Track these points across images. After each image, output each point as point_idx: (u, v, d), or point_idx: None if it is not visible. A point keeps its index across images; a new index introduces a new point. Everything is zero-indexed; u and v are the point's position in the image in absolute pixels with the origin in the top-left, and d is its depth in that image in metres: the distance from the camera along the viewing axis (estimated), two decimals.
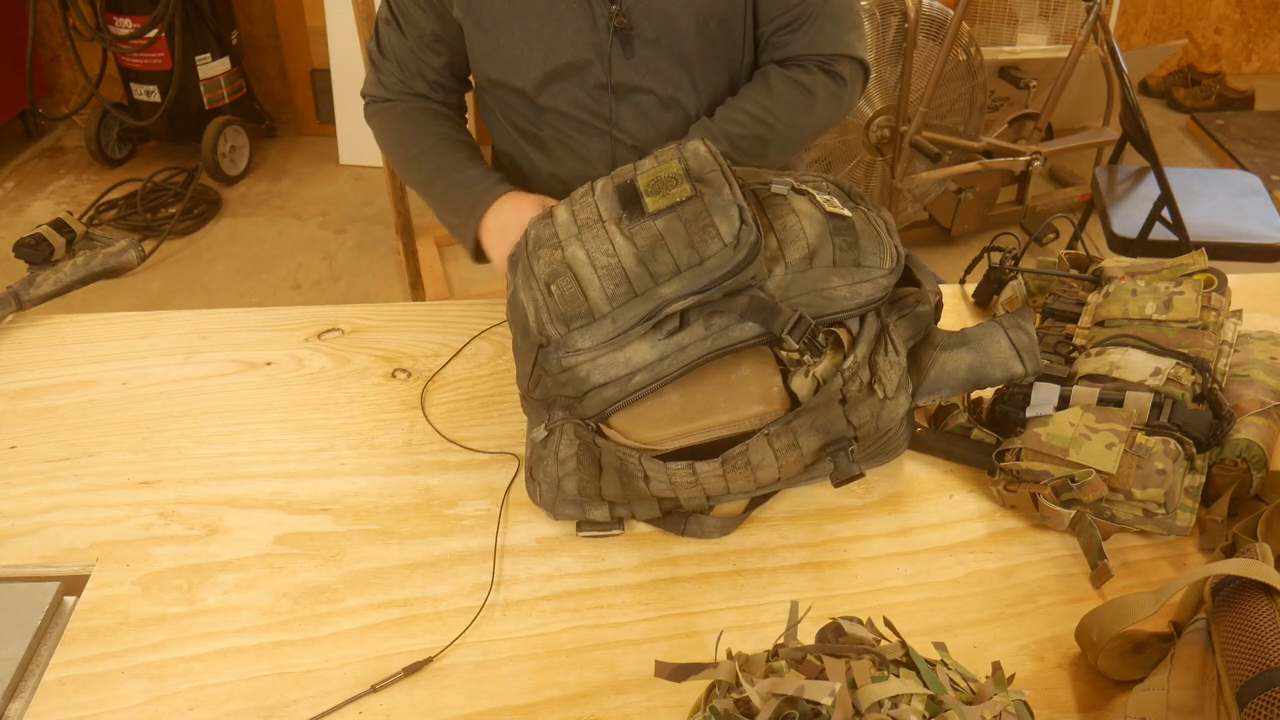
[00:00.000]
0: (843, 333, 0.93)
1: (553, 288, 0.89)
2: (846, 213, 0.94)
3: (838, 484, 0.91)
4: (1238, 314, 1.11)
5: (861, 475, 0.91)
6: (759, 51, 1.27)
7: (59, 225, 1.28)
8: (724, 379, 0.91)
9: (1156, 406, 0.94)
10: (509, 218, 1.15)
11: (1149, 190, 2.35)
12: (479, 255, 1.22)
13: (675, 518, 0.96)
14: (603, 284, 0.88)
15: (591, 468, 0.92)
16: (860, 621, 0.69)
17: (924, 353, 0.99)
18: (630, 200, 0.92)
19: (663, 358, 0.89)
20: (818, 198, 0.94)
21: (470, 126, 1.34)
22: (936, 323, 1.01)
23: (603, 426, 0.92)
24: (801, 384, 0.92)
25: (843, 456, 0.92)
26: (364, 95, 1.33)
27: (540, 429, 0.93)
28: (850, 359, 0.91)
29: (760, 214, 0.93)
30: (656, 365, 0.89)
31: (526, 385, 0.95)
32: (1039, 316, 1.17)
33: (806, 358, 0.92)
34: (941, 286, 1.30)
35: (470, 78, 1.33)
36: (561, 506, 0.96)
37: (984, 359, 0.98)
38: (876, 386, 0.92)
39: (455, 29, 1.23)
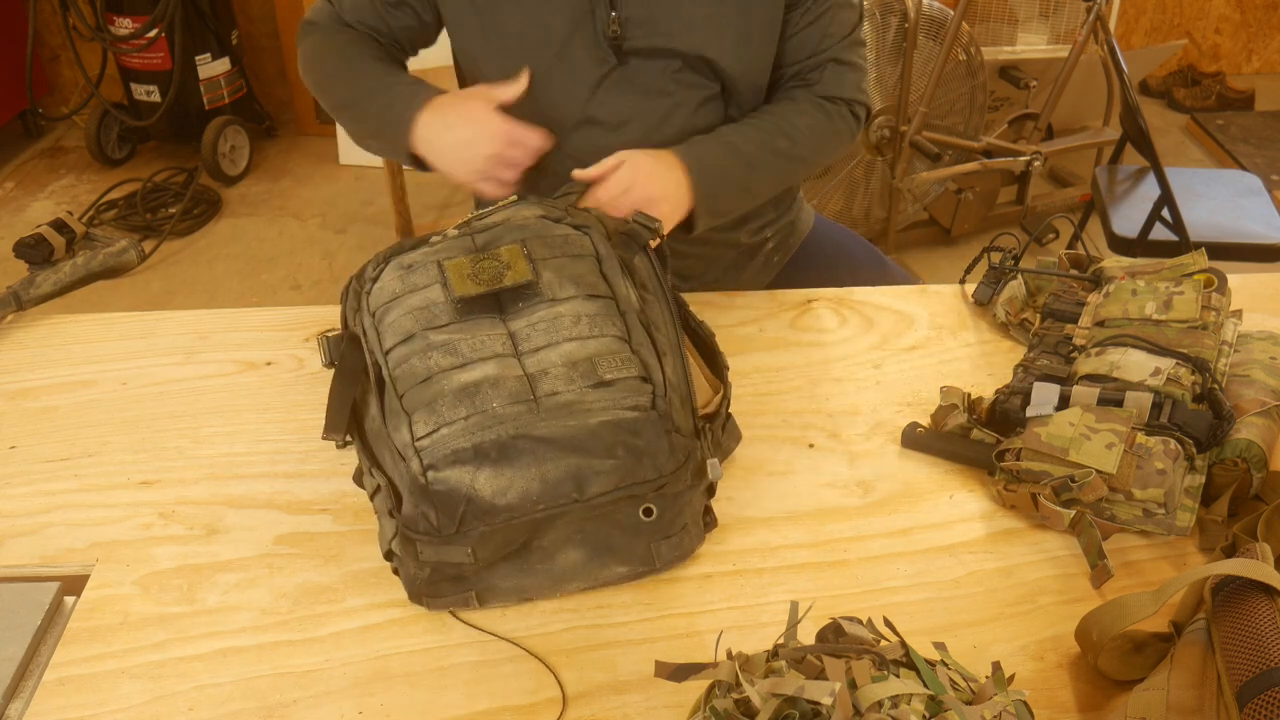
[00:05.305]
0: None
1: (608, 380, 0.83)
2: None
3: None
4: (1238, 314, 1.11)
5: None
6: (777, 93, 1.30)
7: (59, 225, 1.28)
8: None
9: (1156, 406, 0.94)
10: (452, 112, 1.12)
11: (1149, 190, 2.35)
12: (418, 161, 1.17)
13: None
14: (616, 351, 0.85)
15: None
16: (860, 621, 0.69)
17: None
18: (492, 300, 0.88)
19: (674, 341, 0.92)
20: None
21: None
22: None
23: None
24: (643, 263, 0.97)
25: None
26: (309, 22, 1.27)
27: (715, 466, 0.88)
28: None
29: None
30: (679, 350, 0.91)
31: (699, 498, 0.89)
32: (1039, 316, 1.17)
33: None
34: (941, 287, 1.31)
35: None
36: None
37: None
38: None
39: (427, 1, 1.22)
